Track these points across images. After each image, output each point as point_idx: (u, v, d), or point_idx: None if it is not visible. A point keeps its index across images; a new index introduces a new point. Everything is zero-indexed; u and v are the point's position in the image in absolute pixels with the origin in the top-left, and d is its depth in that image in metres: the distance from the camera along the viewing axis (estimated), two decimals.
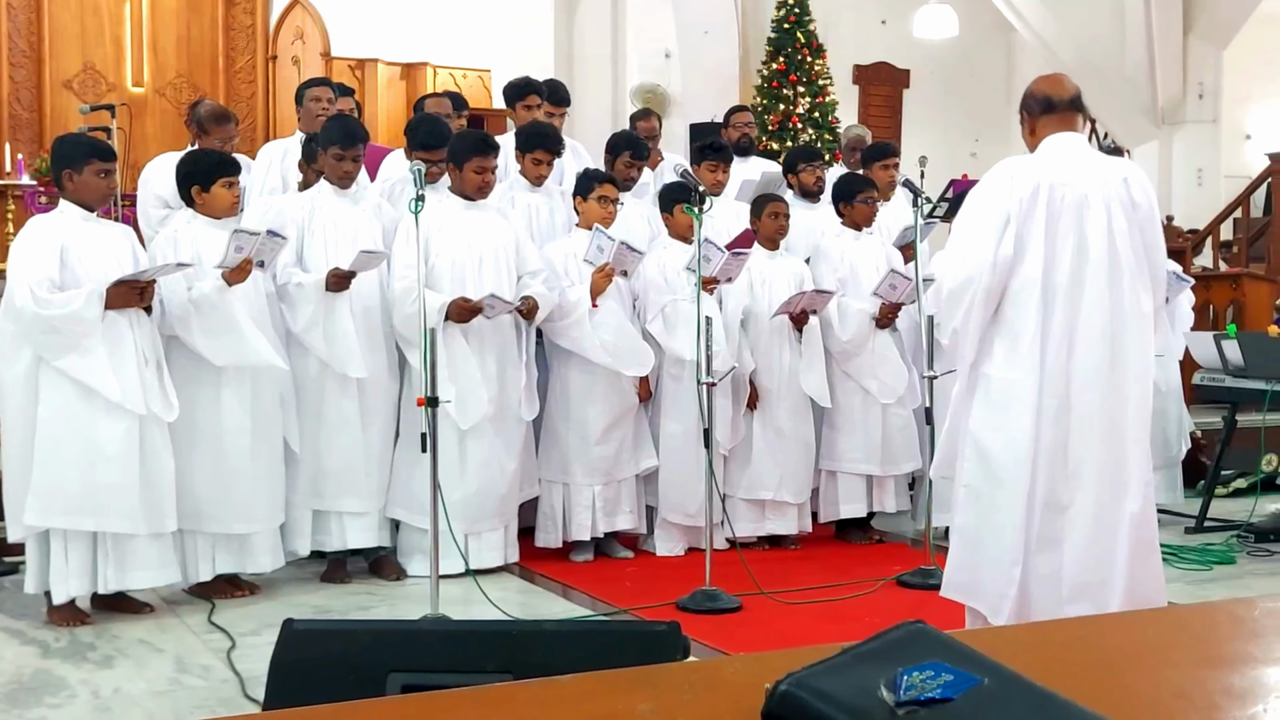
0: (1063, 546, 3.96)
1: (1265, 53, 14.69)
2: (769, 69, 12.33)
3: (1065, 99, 4.15)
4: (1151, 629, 1.51)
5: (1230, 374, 6.83)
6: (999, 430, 4.03)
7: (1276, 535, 6.64)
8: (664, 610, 5.20)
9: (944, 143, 13.54)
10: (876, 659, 1.34)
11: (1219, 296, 9.46)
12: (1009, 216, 3.98)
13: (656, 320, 6.18)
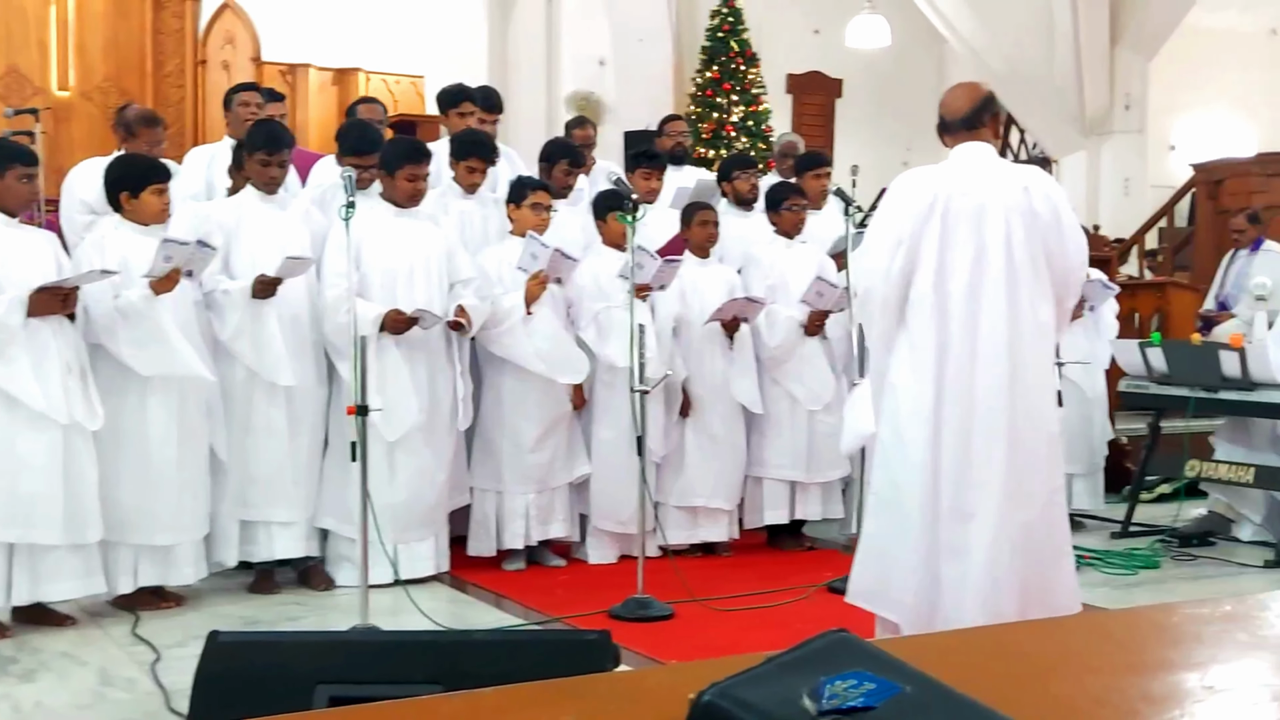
0: (968, 555, 3.97)
1: (1189, 64, 14.98)
2: (703, 77, 12.38)
3: (957, 119, 4.18)
4: (1074, 635, 1.52)
5: (1155, 381, 6.93)
6: (901, 439, 4.06)
7: (1199, 540, 6.75)
8: (596, 619, 5.19)
9: (876, 151, 13.66)
10: (800, 668, 1.34)
11: (1144, 305, 9.60)
12: (903, 230, 4.05)
13: (590, 327, 6.18)
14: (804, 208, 6.73)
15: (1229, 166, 11.09)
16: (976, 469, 3.99)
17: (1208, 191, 11.04)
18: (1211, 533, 6.87)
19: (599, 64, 11.93)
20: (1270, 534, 6.63)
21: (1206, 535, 6.83)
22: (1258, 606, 1.61)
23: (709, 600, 5.42)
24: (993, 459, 3.98)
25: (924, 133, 16.77)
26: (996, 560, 3.97)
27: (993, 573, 3.97)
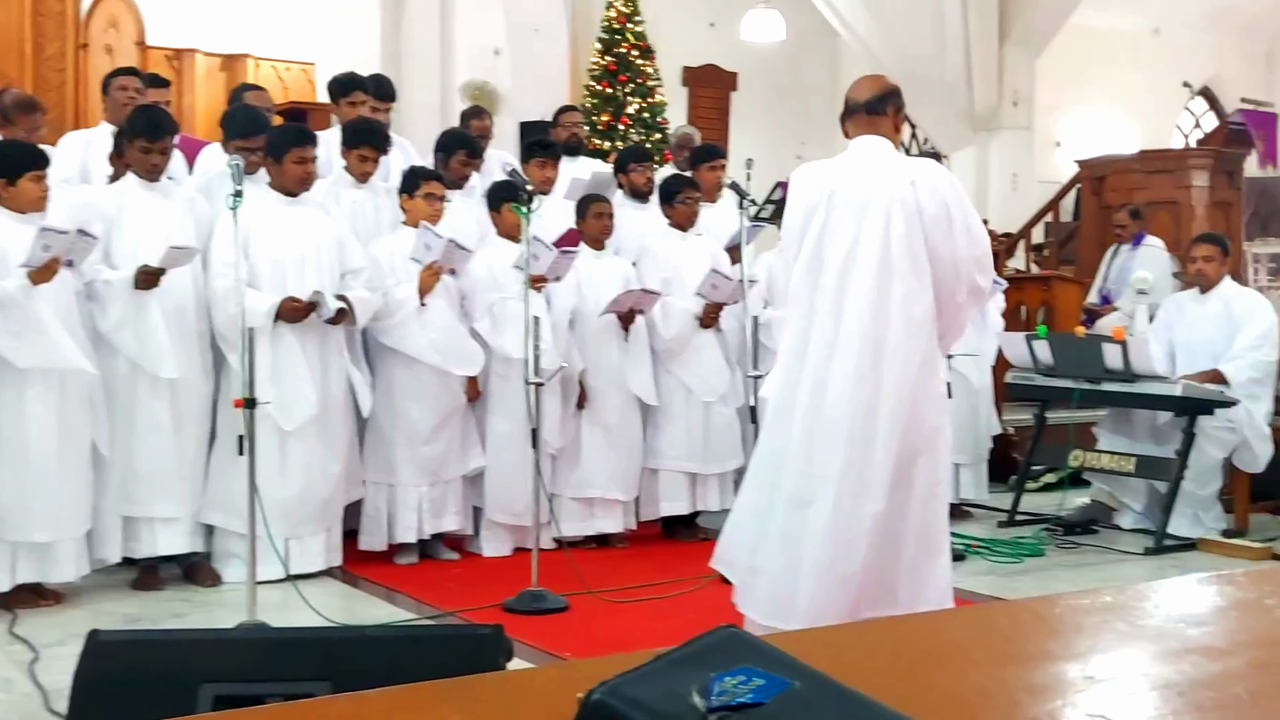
0: (803, 543, 4.03)
1: (1075, 63, 15.31)
2: (599, 68, 12.35)
3: (861, 101, 4.22)
4: (958, 628, 1.54)
5: (1041, 373, 7.08)
6: (770, 425, 4.22)
7: (1083, 528, 6.91)
8: (490, 612, 5.15)
9: (770, 145, 13.76)
10: (690, 665, 1.33)
11: (1031, 298, 9.79)
12: (797, 224, 4.17)
13: (485, 319, 6.14)
14: (698, 200, 6.75)
15: (1112, 163, 11.34)
16: (818, 458, 4.03)
17: (1092, 187, 11.28)
18: (1094, 521, 7.04)
19: (494, 54, 11.83)
20: (1150, 522, 6.80)
21: (1090, 523, 6.99)
22: (1136, 597, 1.65)
23: (604, 592, 5.42)
24: (835, 450, 4.01)
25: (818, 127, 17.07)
26: (833, 550, 3.99)
27: (827, 562, 3.99)
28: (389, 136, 6.56)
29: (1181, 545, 6.52)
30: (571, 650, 4.64)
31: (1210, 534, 6.65)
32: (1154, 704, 1.33)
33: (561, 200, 6.98)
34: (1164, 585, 1.71)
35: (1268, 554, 6.33)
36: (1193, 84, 16.47)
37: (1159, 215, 10.47)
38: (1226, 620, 1.59)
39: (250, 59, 11.28)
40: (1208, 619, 1.59)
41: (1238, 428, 6.63)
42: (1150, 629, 1.54)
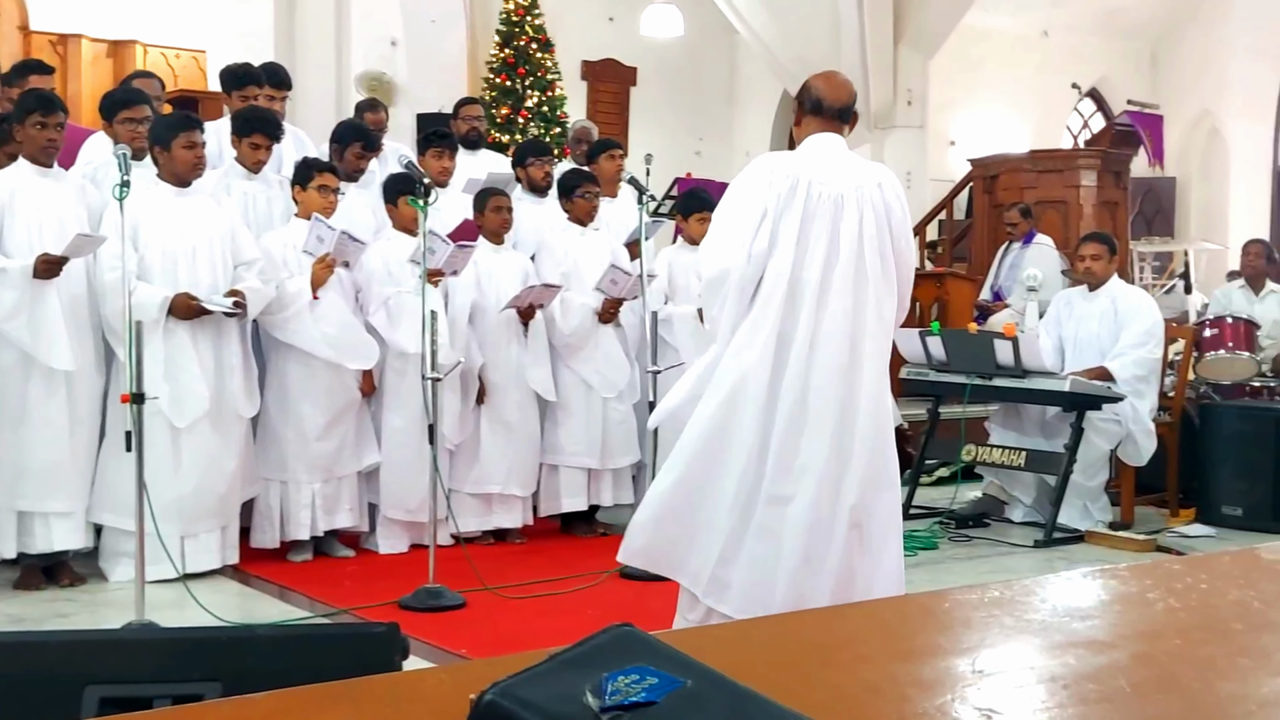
0: (781, 537, 4.00)
1: (967, 63, 15.57)
2: (498, 61, 12.28)
3: (836, 107, 4.21)
4: (849, 623, 1.55)
5: (934, 369, 7.17)
6: (730, 418, 4.05)
7: (975, 521, 7.03)
8: (385, 610, 5.10)
9: (669, 141, 13.81)
10: (583, 664, 1.32)
11: (925, 294, 9.92)
12: (766, 210, 4.02)
13: (380, 313, 6.07)
14: (597, 195, 6.74)
15: (1004, 162, 11.56)
16: (801, 455, 4.02)
17: (984, 186, 11.49)
18: (986, 514, 7.16)
19: (390, 44, 11.70)
20: (1040, 515, 6.93)
21: (981, 517, 7.12)
22: (1023, 591, 1.67)
23: (501, 588, 5.39)
24: (817, 447, 4.02)
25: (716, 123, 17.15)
26: (813, 543, 4.02)
27: (806, 556, 4.01)
28: (281, 124, 6.46)
29: (1070, 538, 6.66)
30: (469, 647, 4.61)
31: (1098, 526, 6.80)
32: (1040, 697, 1.35)
33: (459, 193, 6.93)
34: (1050, 580, 1.73)
35: (1152, 546, 6.49)
36: (1081, 85, 16.86)
37: (1049, 214, 10.69)
38: (1110, 614, 1.62)
39: (139, 45, 11.00)
40: (1092, 613, 1.62)
41: (1123, 422, 6.79)
42: (1036, 623, 1.56)
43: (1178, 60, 18.69)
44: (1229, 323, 7.71)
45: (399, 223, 6.19)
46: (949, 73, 14.90)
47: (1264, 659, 1.45)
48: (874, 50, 12.85)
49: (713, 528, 4.07)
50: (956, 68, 15.15)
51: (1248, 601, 1.65)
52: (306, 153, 6.62)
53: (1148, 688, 1.36)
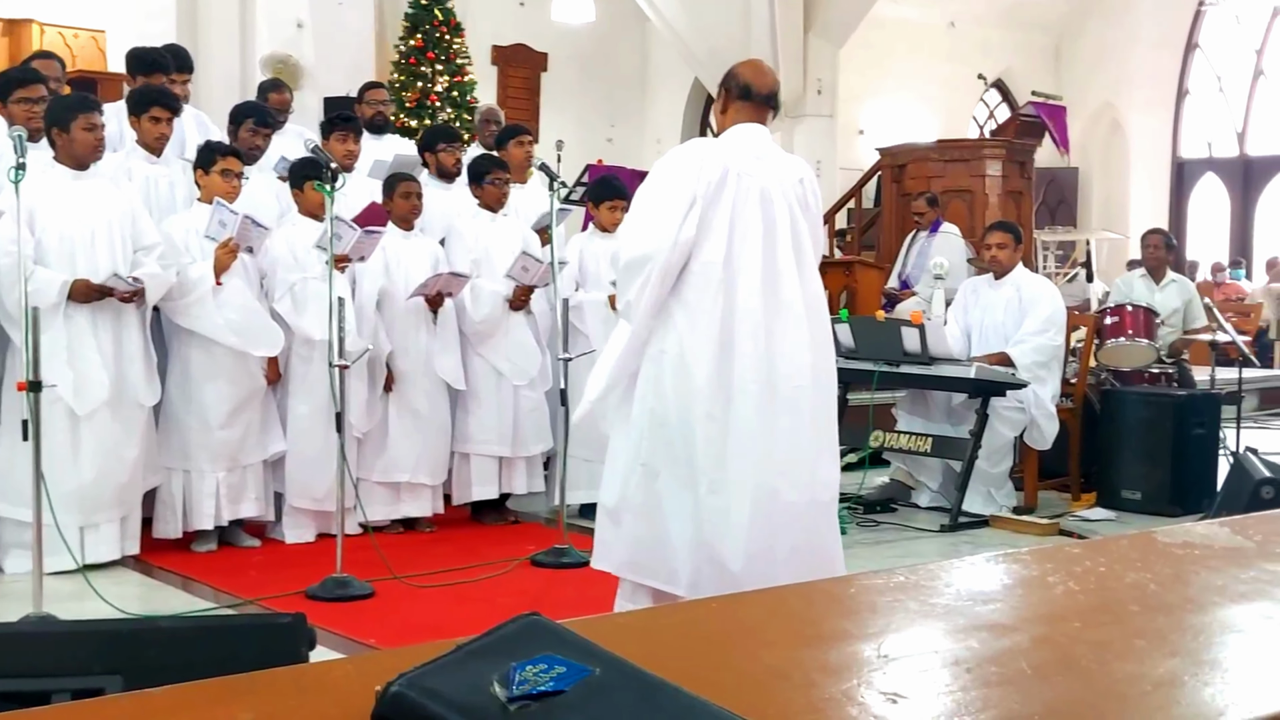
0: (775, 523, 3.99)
1: (876, 53, 15.74)
2: (406, 45, 12.16)
3: (763, 93, 4.21)
4: (755, 610, 1.56)
5: (843, 356, 7.21)
6: (681, 409, 4.01)
7: (883, 506, 7.11)
8: (292, 600, 5.03)
9: (581, 127, 13.79)
10: (490, 654, 1.31)
11: (834, 282, 10.00)
12: (695, 197, 3.99)
13: (285, 299, 5.98)
14: (507, 181, 6.70)
15: (911, 151, 11.69)
16: (787, 445, 4.02)
17: (892, 175, 11.62)
18: (893, 499, 7.25)
19: (297, 26, 11.53)
20: (946, 500, 7.03)
21: (889, 502, 7.20)
22: (928, 576, 1.69)
23: (410, 577, 5.35)
24: (800, 435, 4.04)
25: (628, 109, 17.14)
26: (808, 526, 4.05)
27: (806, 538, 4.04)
28: (178, 96, 6.31)
29: (975, 522, 6.76)
30: (377, 637, 4.57)
31: (1002, 511, 6.91)
32: (944, 681, 1.36)
33: (365, 178, 6.85)
34: (954, 565, 1.76)
35: (1055, 529, 6.62)
36: (986, 77, 17.12)
37: (955, 203, 10.85)
38: (1012, 597, 1.65)
39: (35, 24, 10.73)
40: (995, 596, 1.64)
41: (1026, 408, 6.90)
42: (941, 607, 1.58)
43: (1080, 53, 19.06)
44: (1129, 311, 7.86)
45: (305, 207, 6.11)
46: (858, 63, 15.05)
47: (1159, 640, 1.48)
48: (784, 40, 12.93)
49: (680, 523, 4.02)
50: (865, 58, 15.30)
51: (1144, 584, 1.68)
52: (209, 136, 6.50)
53: (1047, 669, 1.38)
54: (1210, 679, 1.38)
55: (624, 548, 4.13)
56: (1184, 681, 1.37)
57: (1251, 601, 1.64)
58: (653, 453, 4.06)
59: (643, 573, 4.12)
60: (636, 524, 4.10)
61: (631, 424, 4.12)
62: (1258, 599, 1.65)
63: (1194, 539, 1.90)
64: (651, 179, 4.18)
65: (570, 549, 5.68)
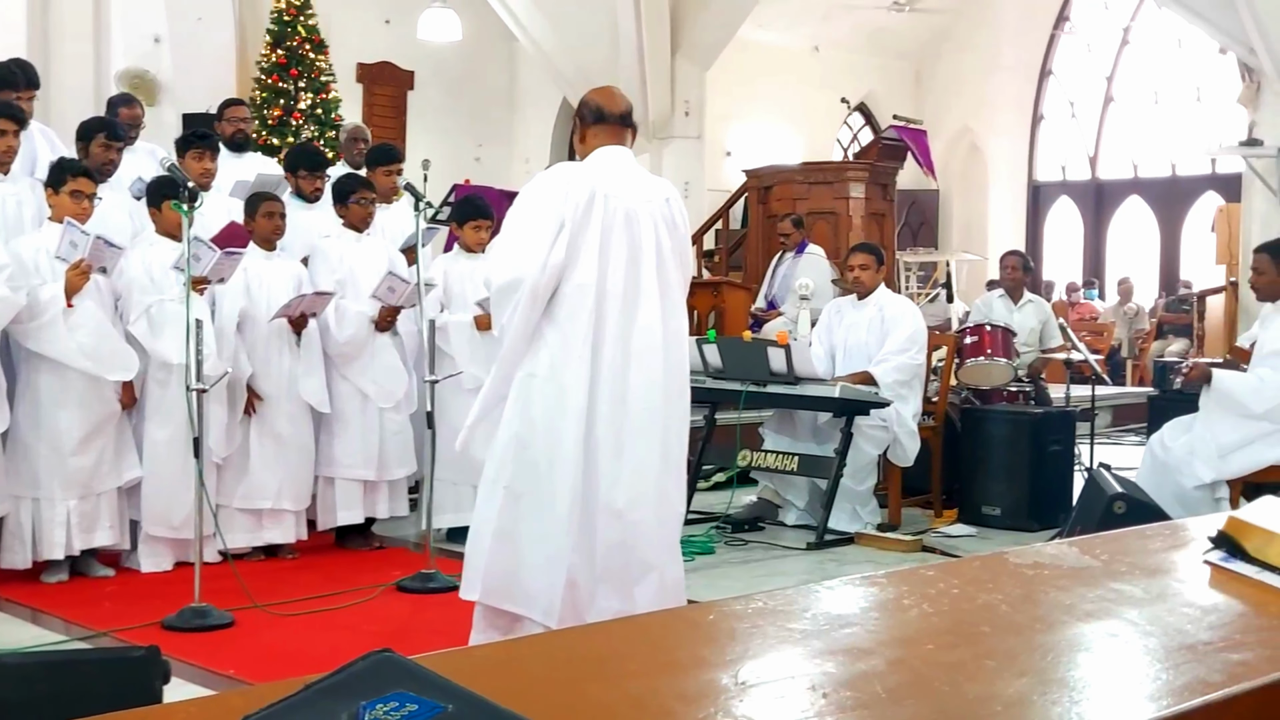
0: (625, 549, 4.02)
1: (743, 76, 15.94)
2: (269, 61, 11.95)
3: (616, 113, 4.25)
4: (615, 639, 1.55)
5: (710, 376, 7.28)
6: (548, 432, 4.02)
7: (750, 525, 7.16)
8: (148, 631, 4.88)
9: (448, 146, 13.70)
10: (340, 693, 1.28)
11: (702, 303, 10.09)
12: (563, 221, 4.01)
13: (141, 321, 5.81)
14: (372, 201, 6.61)
15: (777, 173, 11.85)
16: (634, 466, 4.03)
17: (759, 196, 11.76)
18: (761, 518, 7.30)
19: (154, 41, 11.25)
20: (812, 518, 7.11)
21: (756, 520, 7.25)
22: (786, 601, 1.70)
23: (272, 605, 5.23)
24: (650, 457, 4.05)
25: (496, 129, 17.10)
26: (651, 552, 4.06)
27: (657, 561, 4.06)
28: (20, 107, 6.10)
29: (841, 540, 6.84)
30: (237, 668, 4.47)
31: (867, 528, 7.00)
32: (801, 706, 1.36)
33: (226, 197, 6.70)
34: (814, 589, 1.77)
35: (918, 546, 6.73)
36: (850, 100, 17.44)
37: (820, 224, 11.02)
38: (868, 621, 1.66)
39: None
40: (852, 620, 1.65)
41: (890, 426, 7.02)
42: (798, 632, 1.59)
43: (939, 78, 19.56)
44: (988, 330, 8.05)
45: (162, 227, 5.95)
46: (725, 85, 15.21)
47: (1009, 660, 1.50)
48: (652, 61, 13.01)
49: (546, 547, 4.01)
50: (732, 80, 15.48)
51: (995, 605, 1.71)
52: (60, 153, 6.29)
53: (901, 692, 1.39)
54: (1058, 698, 1.41)
55: (484, 573, 4.12)
56: (1033, 701, 1.40)
57: (1098, 620, 1.68)
58: (516, 476, 4.07)
59: (502, 598, 4.11)
60: (498, 548, 4.09)
61: (496, 447, 4.12)
62: (1104, 617, 1.69)
63: (1044, 559, 1.94)
64: (519, 204, 4.20)
65: (437, 574, 5.61)
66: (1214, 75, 17.41)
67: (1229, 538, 1.93)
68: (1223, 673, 1.49)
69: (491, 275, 4.20)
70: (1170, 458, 6.31)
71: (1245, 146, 11.78)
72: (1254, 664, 1.53)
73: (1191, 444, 6.25)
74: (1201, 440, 6.20)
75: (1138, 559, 1.98)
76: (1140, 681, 1.49)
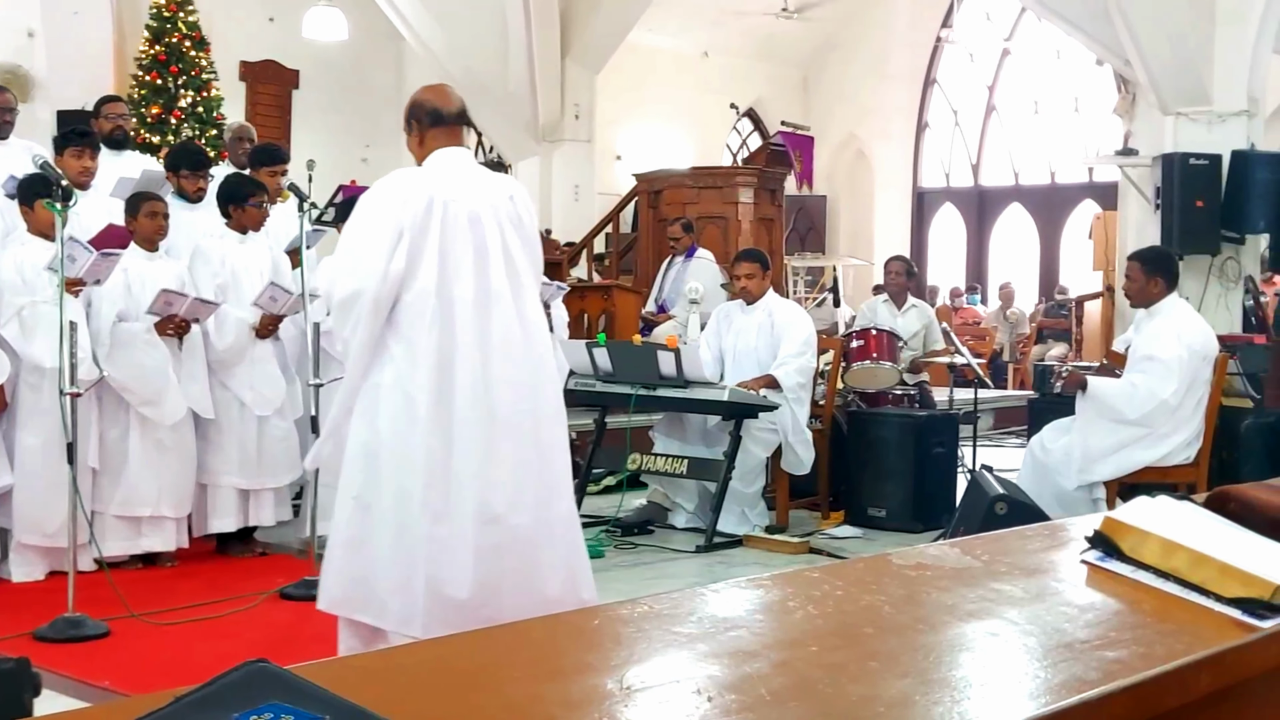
0: (501, 555, 3.95)
1: (633, 80, 15.99)
2: (148, 58, 11.67)
3: (453, 112, 4.17)
4: (498, 645, 1.52)
5: (601, 379, 7.28)
6: (396, 442, 3.94)
7: (640, 528, 7.17)
8: (18, 643, 4.72)
9: (334, 146, 13.53)
10: (211, 705, 1.24)
11: (592, 306, 10.09)
12: (402, 229, 3.93)
13: (12, 324, 5.65)
14: (260, 203, 6.49)
15: (667, 177, 11.88)
16: (510, 468, 3.97)
17: (649, 200, 11.78)
18: (651, 521, 7.31)
19: (28, 35, 10.92)
20: (702, 521, 7.13)
21: (646, 524, 7.26)
22: (672, 605, 1.69)
23: (150, 614, 5.10)
24: (524, 459, 4.00)
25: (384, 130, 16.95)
26: (546, 552, 4.02)
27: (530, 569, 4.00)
28: None
29: (730, 542, 6.88)
30: (113, 679, 4.36)
31: (755, 530, 7.05)
32: (685, 711, 1.36)
33: (106, 197, 6.53)
34: (699, 592, 1.76)
35: (805, 548, 6.79)
36: (739, 106, 17.60)
37: (710, 229, 11.08)
38: (753, 623, 1.66)
39: None
40: (738, 623, 1.65)
41: (780, 430, 7.07)
42: (684, 636, 1.58)
43: (826, 85, 19.82)
44: (873, 334, 8.16)
45: (35, 227, 5.78)
46: (616, 89, 15.24)
47: (891, 661, 1.51)
48: (542, 64, 12.99)
49: (397, 557, 3.93)
50: (623, 84, 15.52)
51: (878, 606, 1.72)
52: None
53: (785, 695, 1.39)
54: (940, 697, 1.42)
55: (336, 583, 4.03)
56: (915, 701, 1.40)
57: (980, 620, 1.70)
58: (365, 486, 3.99)
59: (354, 608, 4.02)
60: (349, 559, 4.01)
61: (346, 458, 4.04)
62: (985, 617, 1.71)
63: (927, 560, 1.96)
64: (356, 215, 4.09)
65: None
66: (1091, 86, 17.90)
67: (1105, 537, 1.96)
68: (1099, 670, 1.52)
69: (331, 289, 4.08)
70: (1050, 459, 6.44)
71: (1121, 156, 12.11)
72: (1129, 661, 1.56)
73: (1070, 446, 6.39)
74: (1079, 445, 6.34)
75: (1018, 559, 2.01)
76: (1019, 680, 1.51)
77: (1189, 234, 10.46)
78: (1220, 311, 10.39)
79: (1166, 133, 10.91)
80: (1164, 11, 10.48)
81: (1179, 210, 10.50)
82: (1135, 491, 5.39)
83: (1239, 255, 10.77)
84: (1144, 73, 10.85)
